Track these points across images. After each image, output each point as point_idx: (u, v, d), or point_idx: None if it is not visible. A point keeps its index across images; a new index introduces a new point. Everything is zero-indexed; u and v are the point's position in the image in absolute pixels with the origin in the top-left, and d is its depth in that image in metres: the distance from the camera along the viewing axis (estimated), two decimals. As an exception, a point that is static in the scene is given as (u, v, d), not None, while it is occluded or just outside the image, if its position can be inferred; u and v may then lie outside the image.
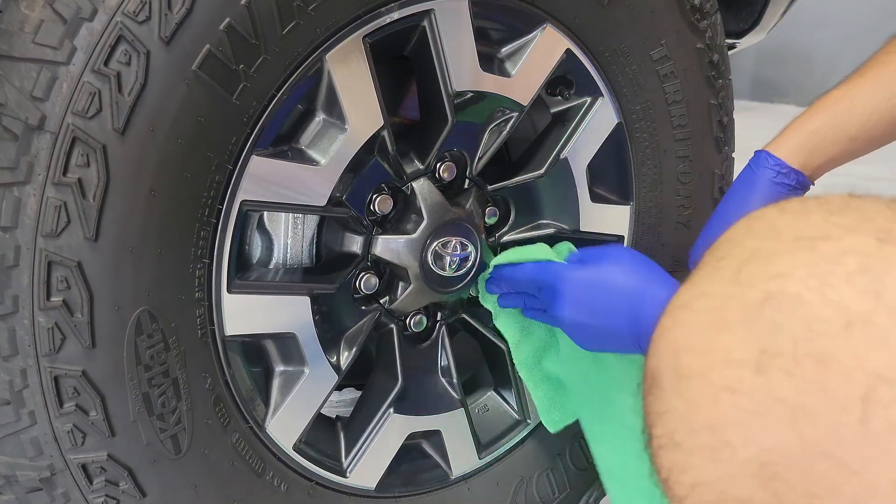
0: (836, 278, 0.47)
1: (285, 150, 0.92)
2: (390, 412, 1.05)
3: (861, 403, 0.44)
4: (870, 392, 0.44)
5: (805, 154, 0.98)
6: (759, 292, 0.49)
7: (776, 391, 0.47)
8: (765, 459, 0.47)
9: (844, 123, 0.96)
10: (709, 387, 0.49)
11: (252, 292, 0.91)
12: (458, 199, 1.07)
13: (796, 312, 0.47)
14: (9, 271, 0.75)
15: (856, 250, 0.47)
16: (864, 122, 0.96)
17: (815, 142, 0.97)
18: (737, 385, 0.48)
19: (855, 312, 0.45)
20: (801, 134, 0.98)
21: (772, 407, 0.47)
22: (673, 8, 1.12)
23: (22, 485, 0.81)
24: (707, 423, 0.49)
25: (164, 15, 0.75)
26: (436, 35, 0.95)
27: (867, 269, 0.46)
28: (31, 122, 0.73)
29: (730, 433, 0.48)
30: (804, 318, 0.47)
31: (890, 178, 3.68)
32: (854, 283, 0.46)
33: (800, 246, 0.49)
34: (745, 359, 0.48)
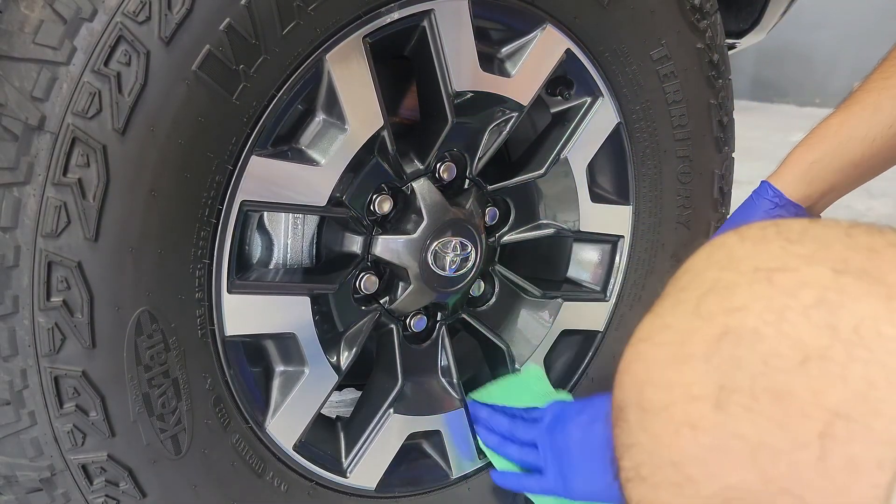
0: (792, 312, 0.46)
1: (285, 151, 0.92)
2: (390, 412, 1.05)
3: (819, 440, 0.44)
4: (827, 429, 0.44)
5: (806, 185, 0.98)
6: (717, 326, 0.49)
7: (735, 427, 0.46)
8: (727, 496, 0.47)
9: (847, 152, 0.96)
10: (670, 422, 0.49)
11: (252, 292, 0.91)
12: (458, 199, 1.07)
13: (754, 347, 0.47)
14: (9, 271, 0.75)
15: (812, 282, 0.47)
16: (866, 149, 0.95)
17: (815, 171, 0.97)
18: (697, 421, 0.48)
19: (811, 348, 0.45)
20: (802, 165, 0.98)
21: (732, 443, 0.46)
22: (673, 8, 1.12)
23: (22, 485, 0.81)
24: (670, 459, 0.49)
25: (164, 15, 0.75)
26: (436, 35, 0.95)
27: (823, 302, 0.46)
28: (31, 123, 0.73)
29: (692, 469, 0.48)
30: (761, 353, 0.46)
31: (890, 178, 3.68)
32: (810, 317, 0.46)
33: (757, 278, 0.49)
34: (705, 394, 0.48)
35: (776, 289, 0.48)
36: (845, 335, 0.44)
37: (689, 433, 0.48)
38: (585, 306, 1.21)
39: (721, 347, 0.48)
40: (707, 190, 1.24)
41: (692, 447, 0.48)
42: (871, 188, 3.88)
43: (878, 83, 0.95)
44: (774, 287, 0.48)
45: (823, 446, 0.44)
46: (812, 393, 0.44)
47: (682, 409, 0.49)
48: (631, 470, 0.52)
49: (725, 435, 0.47)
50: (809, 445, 0.44)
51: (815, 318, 0.46)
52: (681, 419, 0.49)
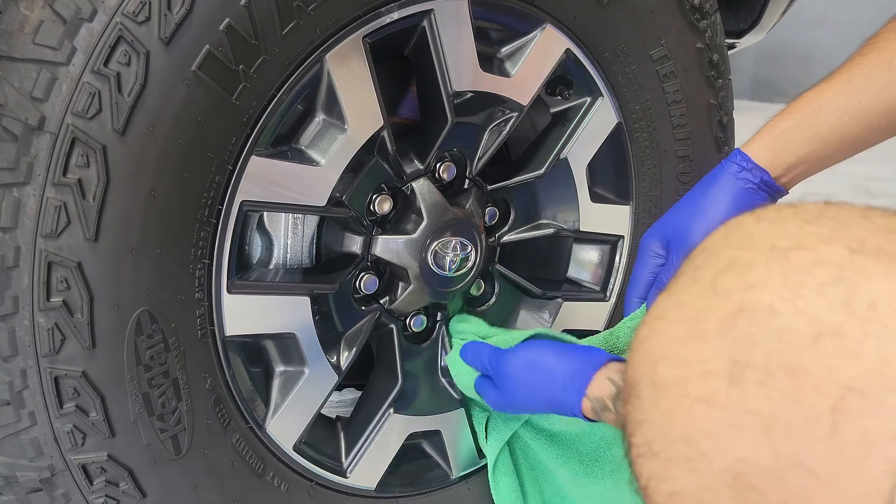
0: (808, 289, 0.47)
1: (285, 151, 0.92)
2: (390, 412, 1.05)
3: (831, 415, 0.44)
4: (839, 404, 0.44)
5: (773, 153, 0.98)
6: (733, 303, 0.49)
7: (749, 403, 0.47)
8: (739, 470, 0.47)
9: (815, 124, 0.96)
10: (684, 398, 0.50)
11: (252, 293, 0.91)
12: (458, 199, 1.07)
13: (769, 324, 0.47)
14: (9, 272, 0.75)
15: (829, 261, 0.47)
16: (834, 122, 0.95)
17: (784, 140, 0.97)
18: (711, 396, 0.48)
19: (826, 324, 0.45)
20: (772, 133, 0.98)
21: (745, 418, 0.47)
22: (673, 8, 1.12)
23: (22, 485, 0.81)
24: (683, 434, 0.49)
25: (164, 15, 0.75)
26: (435, 35, 0.95)
27: (839, 280, 0.46)
28: (31, 123, 0.73)
29: (705, 444, 0.48)
30: (776, 329, 0.47)
31: (890, 178, 3.68)
32: (826, 294, 0.46)
33: (774, 256, 0.49)
34: (719, 370, 0.48)
35: (792, 266, 0.48)
36: (860, 312, 0.45)
37: (702, 408, 0.49)
38: (585, 306, 1.21)
39: (736, 324, 0.48)
40: (707, 190, 1.24)
41: (706, 422, 0.48)
42: (872, 189, 3.88)
43: (855, 59, 0.96)
44: (791, 265, 0.48)
45: (836, 421, 0.44)
46: (826, 368, 0.45)
47: (697, 384, 0.49)
48: (642, 446, 0.52)
49: (739, 410, 0.47)
50: (822, 420, 0.44)
51: (830, 294, 0.46)
52: (695, 394, 0.49)
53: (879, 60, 0.93)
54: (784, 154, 0.98)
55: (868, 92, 0.93)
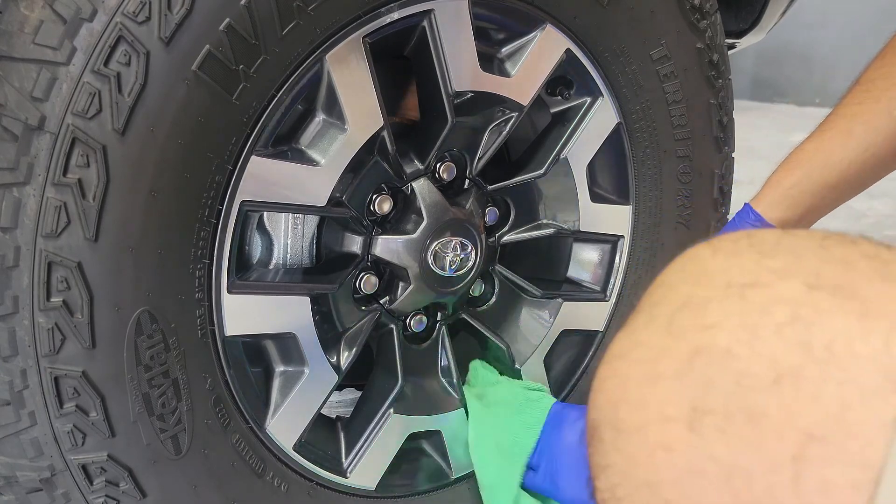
0: (765, 330, 0.45)
1: (285, 151, 0.92)
2: (390, 412, 1.05)
3: (792, 463, 0.43)
4: (801, 451, 0.43)
5: (785, 208, 0.99)
6: (690, 344, 0.48)
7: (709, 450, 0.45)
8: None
9: (822, 175, 0.97)
10: (645, 443, 0.48)
11: (252, 293, 0.91)
12: (458, 199, 1.07)
13: (726, 366, 0.46)
14: (9, 272, 0.75)
15: (786, 298, 0.46)
16: (841, 172, 0.97)
17: (793, 196, 0.99)
18: (671, 442, 0.47)
19: (784, 367, 0.44)
20: (780, 189, 0.99)
21: (706, 466, 0.45)
22: (673, 8, 1.12)
23: (22, 485, 0.81)
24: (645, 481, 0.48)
25: (164, 15, 0.75)
26: (436, 35, 0.95)
27: (796, 319, 0.45)
28: (31, 123, 0.73)
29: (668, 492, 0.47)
30: (734, 372, 0.45)
31: (890, 178, 3.68)
32: (783, 335, 0.45)
33: (730, 294, 0.48)
34: (679, 415, 0.47)
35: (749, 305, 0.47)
36: (819, 354, 0.43)
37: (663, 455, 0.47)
38: (585, 306, 1.21)
39: (693, 366, 0.47)
40: (707, 190, 1.24)
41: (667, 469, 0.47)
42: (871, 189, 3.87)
43: (851, 108, 0.96)
44: (747, 303, 0.47)
45: (797, 469, 0.43)
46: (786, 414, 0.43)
47: (656, 430, 0.48)
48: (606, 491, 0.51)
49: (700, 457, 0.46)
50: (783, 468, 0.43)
51: (788, 335, 0.44)
52: (655, 440, 0.48)
53: (877, 111, 0.94)
54: (795, 207, 0.99)
55: (872, 142, 0.94)
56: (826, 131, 0.98)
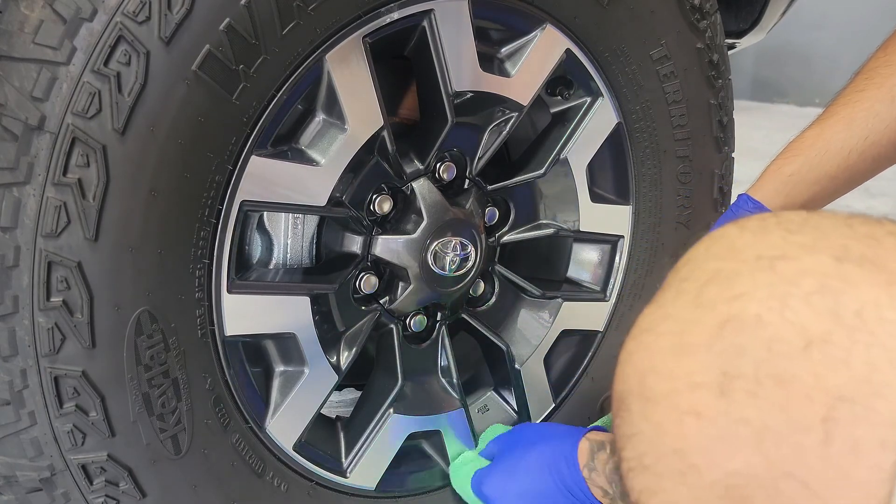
0: (795, 299, 0.47)
1: (285, 151, 0.92)
2: (390, 412, 1.05)
3: (822, 424, 0.44)
4: (830, 413, 0.44)
5: (784, 197, 0.98)
6: (719, 314, 0.49)
7: (739, 413, 0.47)
8: (731, 482, 0.47)
9: (823, 164, 0.96)
10: (674, 410, 0.49)
11: (252, 292, 0.91)
12: (458, 199, 1.07)
13: (756, 334, 0.47)
14: (9, 272, 0.75)
15: (815, 270, 0.47)
16: (841, 161, 0.95)
17: (793, 184, 0.97)
18: (701, 408, 0.48)
19: (814, 333, 0.45)
20: (779, 177, 0.98)
21: (736, 430, 0.47)
22: (673, 8, 1.12)
23: (22, 485, 0.81)
24: (674, 447, 0.49)
25: (164, 15, 0.75)
26: (436, 35, 0.95)
27: (825, 288, 0.46)
28: (31, 123, 0.73)
29: (696, 456, 0.48)
30: (764, 339, 0.47)
31: (890, 178, 3.68)
32: (812, 303, 0.46)
33: (759, 266, 0.49)
34: (708, 382, 0.48)
35: (778, 276, 0.48)
36: (847, 320, 0.45)
37: (692, 421, 0.48)
38: (585, 306, 1.21)
39: (723, 335, 0.48)
40: (707, 190, 1.24)
41: (696, 435, 0.48)
42: (871, 188, 3.88)
43: (853, 96, 0.95)
44: (776, 275, 0.48)
45: (827, 430, 0.44)
46: (815, 377, 0.45)
47: (686, 397, 0.49)
48: (633, 460, 0.52)
49: (729, 421, 0.47)
50: (813, 429, 0.44)
51: (817, 304, 0.46)
52: (684, 407, 0.49)
53: (880, 97, 0.93)
54: (794, 196, 0.98)
55: (874, 129, 0.93)
56: (827, 119, 0.97)
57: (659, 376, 0.51)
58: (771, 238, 0.51)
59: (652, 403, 0.51)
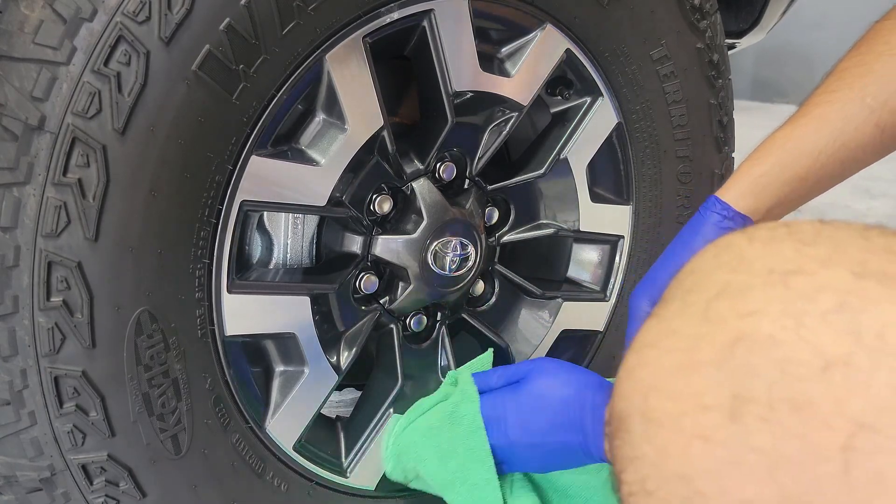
0: (811, 318, 0.44)
1: (285, 151, 0.92)
2: (390, 412, 1.05)
3: (842, 453, 0.41)
4: (850, 441, 0.41)
5: (753, 197, 0.95)
6: (730, 332, 0.46)
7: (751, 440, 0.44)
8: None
9: (793, 164, 0.93)
10: (680, 434, 0.47)
11: (252, 292, 0.91)
12: (458, 199, 1.07)
13: (770, 354, 0.44)
14: (9, 271, 0.75)
15: (832, 286, 0.45)
16: (812, 162, 0.93)
17: (762, 185, 0.95)
18: (710, 433, 0.45)
19: (833, 355, 0.43)
20: (749, 178, 0.95)
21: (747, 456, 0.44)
22: (673, 8, 1.12)
23: (22, 485, 0.81)
24: (679, 473, 0.47)
25: (164, 15, 0.75)
26: (436, 35, 0.95)
27: (844, 306, 0.44)
28: (31, 123, 0.73)
29: (704, 483, 0.46)
30: (779, 360, 0.44)
31: (890, 179, 3.69)
32: (831, 322, 0.44)
33: (772, 280, 0.47)
34: (718, 404, 0.45)
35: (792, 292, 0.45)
36: (869, 341, 0.42)
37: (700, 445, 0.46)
38: (585, 306, 1.21)
39: (734, 354, 0.45)
40: (707, 190, 1.24)
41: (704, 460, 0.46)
42: (871, 188, 3.88)
43: (824, 97, 0.93)
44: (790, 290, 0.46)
45: (846, 459, 0.41)
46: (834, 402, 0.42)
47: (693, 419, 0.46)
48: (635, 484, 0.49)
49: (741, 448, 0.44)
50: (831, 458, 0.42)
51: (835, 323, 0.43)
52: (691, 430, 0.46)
53: (851, 98, 0.91)
54: (764, 198, 0.95)
55: (844, 130, 0.91)
56: (798, 119, 0.95)
57: (664, 396, 0.48)
58: (783, 250, 0.49)
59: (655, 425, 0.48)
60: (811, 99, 0.95)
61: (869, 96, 0.90)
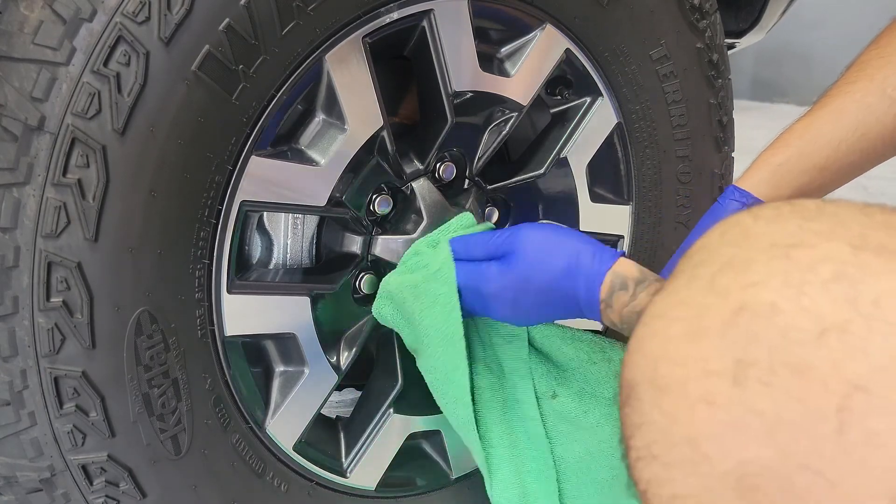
0: (811, 286, 0.46)
1: (285, 151, 0.92)
2: (390, 412, 1.05)
3: (837, 414, 0.44)
4: (846, 402, 0.43)
5: (771, 187, 0.96)
6: (734, 301, 0.48)
7: (753, 402, 0.46)
8: (743, 472, 0.46)
9: (811, 154, 0.94)
10: (686, 398, 0.49)
11: (252, 293, 0.91)
12: (458, 199, 1.07)
13: (771, 322, 0.46)
14: (9, 272, 0.75)
15: (831, 258, 0.47)
16: (831, 153, 0.94)
17: (781, 174, 0.96)
18: (714, 397, 0.47)
19: (831, 321, 0.45)
20: (768, 167, 0.96)
21: (749, 419, 0.46)
22: (672, 8, 1.12)
23: (22, 485, 0.81)
24: (685, 436, 0.48)
25: (164, 15, 0.75)
26: (435, 35, 0.95)
27: (842, 276, 0.46)
28: (31, 123, 0.73)
29: (708, 446, 0.48)
30: (779, 327, 0.46)
31: (889, 178, 3.68)
32: (829, 291, 0.46)
33: (774, 254, 0.49)
34: (722, 369, 0.47)
35: (794, 264, 0.48)
36: (865, 309, 0.44)
37: (705, 409, 0.48)
38: (585, 306, 1.21)
39: (737, 322, 0.47)
40: (707, 190, 1.24)
41: (708, 423, 0.47)
42: (870, 187, 3.88)
43: (844, 87, 0.94)
44: (792, 262, 0.48)
45: (842, 420, 0.43)
46: (832, 366, 0.44)
47: (698, 384, 0.48)
48: (642, 449, 0.51)
49: (743, 410, 0.46)
50: (828, 419, 0.44)
51: (834, 291, 0.46)
52: (696, 395, 0.48)
53: (871, 89, 0.92)
54: (782, 186, 0.96)
55: (864, 121, 0.92)
56: (818, 110, 0.96)
57: (671, 363, 0.50)
58: (786, 226, 0.51)
59: (663, 391, 0.50)
60: (831, 90, 0.96)
61: (890, 87, 0.91)
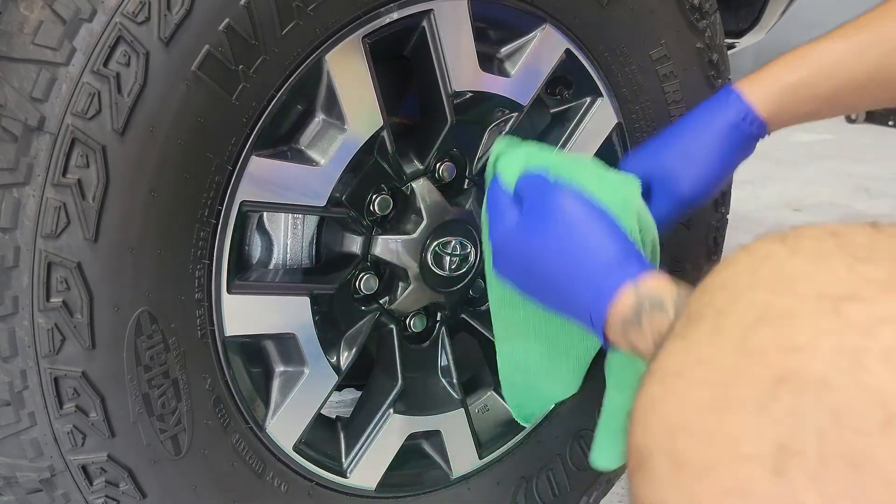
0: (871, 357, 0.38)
1: (285, 151, 0.92)
2: (390, 412, 1.05)
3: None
4: None
5: (777, 105, 0.90)
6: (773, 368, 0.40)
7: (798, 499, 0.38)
8: None
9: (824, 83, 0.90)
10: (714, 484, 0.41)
11: (252, 293, 0.91)
12: (458, 199, 1.07)
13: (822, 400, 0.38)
14: (8, 272, 0.75)
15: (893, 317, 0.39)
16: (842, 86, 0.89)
17: (791, 96, 0.90)
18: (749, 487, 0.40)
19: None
20: (778, 84, 0.90)
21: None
22: (672, 8, 1.12)
23: (22, 486, 0.81)
24: None
25: (164, 16, 0.75)
26: (435, 35, 0.95)
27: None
28: (31, 123, 0.73)
29: None
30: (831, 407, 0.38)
31: (890, 178, 3.69)
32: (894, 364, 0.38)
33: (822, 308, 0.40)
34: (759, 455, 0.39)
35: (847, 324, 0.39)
36: None
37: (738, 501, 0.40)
38: (585, 306, 1.21)
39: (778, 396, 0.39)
40: (707, 190, 1.24)
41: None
42: (871, 188, 3.88)
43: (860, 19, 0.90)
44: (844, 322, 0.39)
45: None
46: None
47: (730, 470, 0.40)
48: None
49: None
50: None
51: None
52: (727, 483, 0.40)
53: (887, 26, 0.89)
54: (788, 108, 0.90)
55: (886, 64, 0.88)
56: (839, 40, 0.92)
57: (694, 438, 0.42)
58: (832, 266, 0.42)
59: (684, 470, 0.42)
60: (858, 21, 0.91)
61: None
